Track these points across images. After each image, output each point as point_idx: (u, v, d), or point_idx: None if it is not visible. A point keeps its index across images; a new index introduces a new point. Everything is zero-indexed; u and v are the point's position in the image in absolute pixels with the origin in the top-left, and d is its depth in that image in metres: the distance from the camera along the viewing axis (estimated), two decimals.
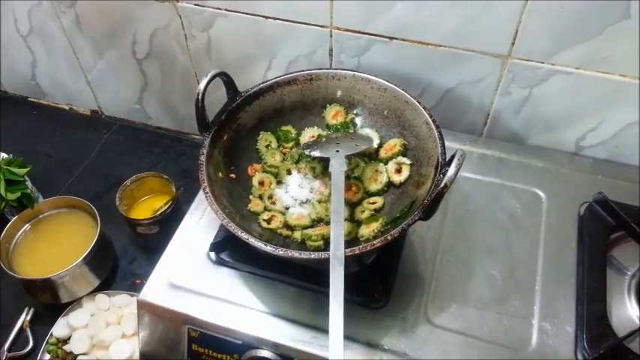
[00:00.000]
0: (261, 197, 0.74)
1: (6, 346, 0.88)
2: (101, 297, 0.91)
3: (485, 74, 0.83)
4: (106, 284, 0.95)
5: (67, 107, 1.26)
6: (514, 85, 0.83)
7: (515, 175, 0.82)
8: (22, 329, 0.90)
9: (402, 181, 0.72)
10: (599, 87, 0.79)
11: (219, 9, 0.89)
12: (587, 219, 0.76)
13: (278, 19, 0.87)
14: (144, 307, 0.71)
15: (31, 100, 1.28)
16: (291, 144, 0.78)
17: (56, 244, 0.94)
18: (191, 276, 0.73)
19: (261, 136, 0.78)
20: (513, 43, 0.78)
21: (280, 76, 0.78)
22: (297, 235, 0.69)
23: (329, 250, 0.58)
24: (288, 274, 0.71)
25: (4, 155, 1.08)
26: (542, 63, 0.79)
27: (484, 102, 0.87)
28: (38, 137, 1.20)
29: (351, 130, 0.78)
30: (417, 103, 0.72)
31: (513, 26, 0.76)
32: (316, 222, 0.71)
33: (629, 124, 0.82)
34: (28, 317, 0.92)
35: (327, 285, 0.55)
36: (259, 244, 0.61)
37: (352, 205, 0.72)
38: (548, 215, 0.77)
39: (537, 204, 0.79)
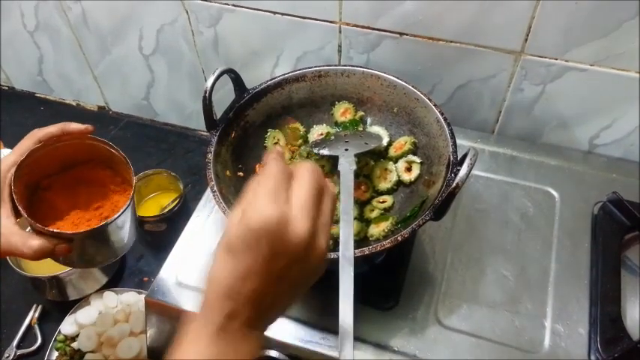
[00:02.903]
0: None
1: (14, 342, 0.88)
2: (109, 294, 0.91)
3: (497, 71, 0.82)
4: (114, 282, 0.94)
5: (74, 103, 1.26)
6: (527, 82, 0.82)
7: (528, 174, 0.81)
8: (30, 326, 0.91)
9: (412, 179, 0.71)
10: (615, 84, 0.77)
11: (227, 4, 0.88)
12: (601, 219, 0.74)
13: (286, 14, 0.86)
14: (152, 305, 0.71)
15: (38, 95, 1.28)
16: (299, 142, 0.77)
17: None
18: (199, 275, 0.72)
19: (269, 133, 0.77)
20: (526, 39, 0.76)
21: (288, 73, 0.77)
22: None
23: (338, 251, 0.57)
24: None
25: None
26: (556, 59, 0.77)
27: (496, 99, 0.86)
28: None
29: (361, 128, 0.77)
30: (427, 100, 0.71)
31: (526, 22, 0.74)
32: None
33: None
34: (36, 314, 0.92)
35: (336, 285, 0.54)
36: None
37: (361, 204, 0.71)
38: (561, 215, 0.76)
39: (550, 203, 0.78)
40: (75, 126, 0.58)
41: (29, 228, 0.58)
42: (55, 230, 0.56)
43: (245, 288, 0.42)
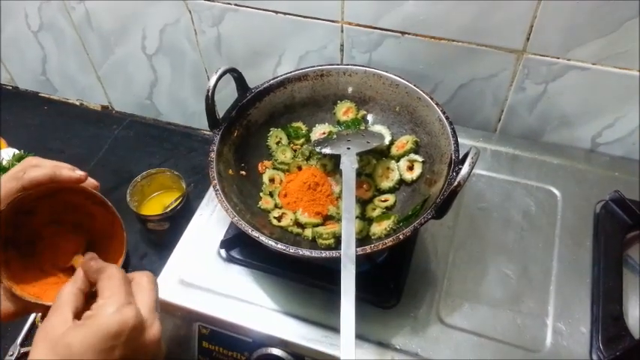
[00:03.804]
0: (271, 194, 0.73)
1: (19, 340, 0.89)
2: None
3: (499, 70, 0.82)
4: None
5: (77, 103, 1.26)
6: (529, 81, 0.82)
7: (530, 173, 0.81)
8: (34, 325, 0.91)
9: (414, 178, 0.71)
10: (617, 83, 0.77)
11: (229, 4, 0.88)
12: (603, 217, 0.74)
13: (288, 14, 0.86)
14: None
15: (42, 95, 1.28)
16: (301, 140, 0.78)
17: None
18: (202, 273, 0.73)
19: (271, 132, 0.77)
20: (528, 38, 0.76)
21: (291, 72, 0.77)
22: (308, 232, 0.69)
23: (340, 249, 0.57)
24: (298, 271, 0.71)
25: (16, 151, 1.09)
26: (558, 58, 0.77)
27: (498, 98, 0.86)
28: (49, 133, 1.20)
29: (363, 127, 0.77)
30: (429, 99, 0.71)
31: (528, 21, 0.74)
32: (327, 219, 0.71)
33: None
34: (40, 313, 0.92)
35: (338, 283, 0.54)
36: (270, 243, 0.60)
37: (363, 203, 0.71)
38: (563, 213, 0.76)
39: (552, 202, 0.78)
40: (67, 173, 0.52)
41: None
42: (33, 300, 0.51)
43: None
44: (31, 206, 0.54)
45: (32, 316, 0.91)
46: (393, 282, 0.69)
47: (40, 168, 0.51)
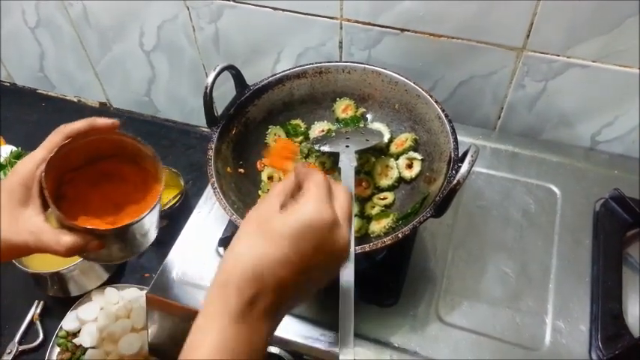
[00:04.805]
0: None
1: (16, 338, 0.89)
2: (110, 290, 0.91)
3: (499, 67, 0.82)
4: (115, 278, 0.95)
5: (75, 99, 1.26)
6: (528, 79, 0.82)
7: (529, 171, 0.81)
8: (32, 322, 0.91)
9: (413, 176, 0.71)
10: (617, 81, 0.77)
11: (228, 0, 0.88)
12: (603, 215, 0.74)
13: (287, 10, 0.86)
14: (153, 302, 0.71)
15: (40, 92, 1.28)
16: (300, 138, 0.77)
17: None
18: (200, 271, 0.72)
19: (270, 130, 0.77)
20: (528, 36, 0.76)
21: (289, 69, 0.76)
22: None
23: None
24: None
25: (13, 148, 1.08)
26: (558, 56, 0.77)
27: (498, 95, 0.86)
28: (47, 129, 1.18)
29: (362, 125, 0.76)
30: (428, 96, 0.71)
31: (528, 18, 0.74)
32: None
33: None
34: (38, 310, 0.92)
35: (336, 281, 0.54)
36: None
37: (362, 201, 0.71)
38: (562, 211, 0.76)
39: (552, 200, 0.78)
40: (102, 121, 0.58)
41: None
42: (88, 227, 0.56)
43: (276, 275, 0.43)
44: (71, 177, 0.60)
45: (30, 314, 0.91)
46: (392, 280, 0.69)
47: (79, 121, 0.58)
